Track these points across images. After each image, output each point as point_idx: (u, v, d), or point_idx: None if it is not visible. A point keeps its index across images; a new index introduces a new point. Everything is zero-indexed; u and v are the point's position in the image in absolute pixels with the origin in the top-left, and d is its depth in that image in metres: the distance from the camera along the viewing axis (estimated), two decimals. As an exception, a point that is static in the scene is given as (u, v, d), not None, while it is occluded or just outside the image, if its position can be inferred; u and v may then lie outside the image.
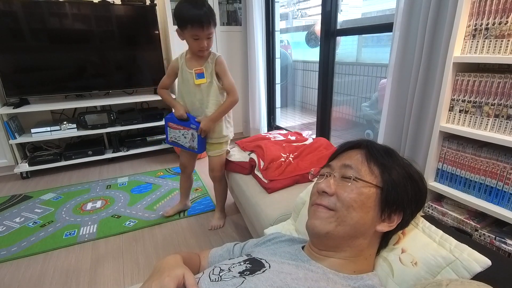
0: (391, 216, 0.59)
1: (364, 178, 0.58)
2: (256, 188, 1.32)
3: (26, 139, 2.27)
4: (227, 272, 0.57)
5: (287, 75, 4.65)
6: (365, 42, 3.97)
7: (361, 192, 0.57)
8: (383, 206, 0.58)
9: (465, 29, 0.99)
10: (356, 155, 0.62)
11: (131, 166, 2.55)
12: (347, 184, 0.58)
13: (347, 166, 0.60)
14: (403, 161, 0.64)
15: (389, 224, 0.59)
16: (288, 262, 0.58)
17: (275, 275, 0.53)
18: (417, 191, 0.61)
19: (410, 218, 0.64)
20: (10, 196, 2.05)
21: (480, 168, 0.99)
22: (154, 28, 2.54)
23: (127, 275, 1.33)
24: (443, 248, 0.58)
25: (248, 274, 0.54)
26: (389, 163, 0.60)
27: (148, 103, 2.86)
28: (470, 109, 1.00)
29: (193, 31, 1.25)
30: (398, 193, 0.58)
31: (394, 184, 0.58)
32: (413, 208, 0.62)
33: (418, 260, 0.58)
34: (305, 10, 5.37)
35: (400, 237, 0.64)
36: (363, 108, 3.11)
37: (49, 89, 2.38)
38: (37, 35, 2.23)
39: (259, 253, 0.64)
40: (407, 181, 0.60)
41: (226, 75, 1.42)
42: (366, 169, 0.59)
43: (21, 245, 1.53)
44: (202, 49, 1.32)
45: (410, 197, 0.60)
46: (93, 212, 1.82)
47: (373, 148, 0.63)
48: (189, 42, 1.31)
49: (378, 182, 0.58)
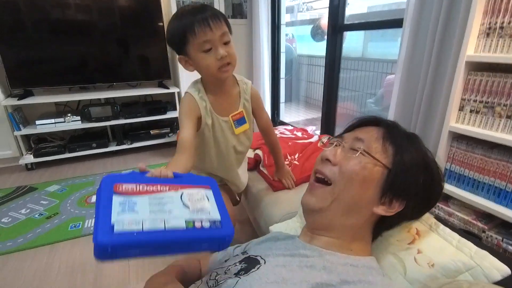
0: (392, 202, 0.55)
1: (373, 154, 0.55)
2: (261, 185, 1.32)
3: (30, 130, 2.27)
4: (223, 275, 0.56)
5: (291, 69, 4.61)
6: (371, 37, 3.92)
7: (365, 167, 0.54)
8: (386, 188, 0.54)
9: (479, 27, 0.97)
10: (373, 131, 0.59)
11: (135, 159, 2.55)
12: (353, 156, 0.55)
13: (359, 139, 0.57)
14: (424, 149, 0.59)
15: (388, 209, 0.55)
16: (283, 253, 0.56)
17: (270, 270, 0.51)
18: (429, 185, 0.57)
19: (415, 213, 0.61)
20: (16, 187, 2.06)
21: (490, 169, 0.98)
22: (158, 20, 2.51)
23: (132, 269, 1.34)
24: (463, 253, 0.58)
25: (243, 274, 0.53)
26: (407, 146, 0.56)
27: (152, 96, 2.85)
28: (481, 109, 0.98)
29: (198, 39, 0.80)
30: (407, 179, 0.54)
31: (405, 169, 0.54)
32: (419, 201, 0.58)
33: (436, 263, 0.58)
34: (310, 4, 5.30)
35: (416, 237, 0.63)
36: (368, 104, 3.09)
37: (53, 81, 2.37)
38: (41, 27, 2.21)
39: (255, 251, 0.63)
40: (420, 170, 0.55)
41: (263, 109, 1.07)
42: (379, 146, 0.56)
43: (27, 237, 1.54)
44: (223, 61, 0.83)
45: (419, 188, 0.56)
46: (97, 205, 1.83)
47: (394, 128, 0.59)
48: (201, 62, 0.84)
49: (388, 162, 0.55)
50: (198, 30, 0.79)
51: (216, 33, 0.81)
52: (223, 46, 0.83)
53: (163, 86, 2.67)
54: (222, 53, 0.81)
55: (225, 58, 0.83)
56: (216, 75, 0.86)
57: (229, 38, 0.85)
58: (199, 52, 0.82)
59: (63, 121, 2.31)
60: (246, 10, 2.84)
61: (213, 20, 0.80)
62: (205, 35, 0.80)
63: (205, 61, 0.83)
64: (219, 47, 0.82)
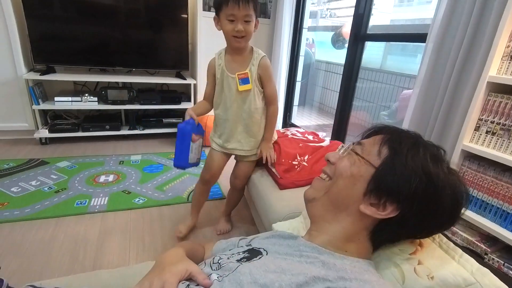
0: (386, 205, 0.54)
1: (362, 155, 0.59)
2: (268, 182, 1.33)
3: (48, 106, 2.33)
4: (225, 259, 0.59)
5: (308, 73, 4.61)
6: (391, 50, 3.89)
7: (354, 163, 0.59)
8: (372, 186, 0.55)
9: (504, 49, 0.96)
10: (376, 137, 0.62)
11: (144, 145, 2.59)
12: (347, 156, 0.62)
13: (360, 144, 0.63)
14: (426, 158, 0.55)
15: (378, 211, 0.55)
16: (285, 249, 0.59)
17: (270, 260, 0.54)
18: (431, 197, 0.53)
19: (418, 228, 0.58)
20: (28, 159, 2.12)
21: (500, 192, 0.97)
22: (183, 12, 2.55)
23: (132, 250, 1.36)
24: (464, 268, 0.58)
25: (245, 261, 0.55)
26: (402, 150, 0.55)
27: (168, 86, 2.89)
28: (498, 131, 0.98)
29: (228, 10, 1.08)
30: (395, 181, 0.53)
31: (393, 170, 0.54)
32: (419, 213, 0.54)
33: (436, 276, 0.58)
34: (334, 11, 5.29)
35: (418, 248, 0.63)
36: (382, 116, 3.07)
37: (76, 60, 2.43)
38: (69, 6, 2.27)
39: (259, 244, 0.65)
40: (415, 176, 0.53)
41: (271, 80, 1.26)
42: (374, 149, 0.58)
43: (35, 208, 1.58)
44: (237, 34, 1.11)
45: (414, 196, 0.53)
46: (105, 185, 1.87)
47: (395, 134, 0.60)
48: (224, 27, 1.13)
49: (377, 163, 0.56)
50: (230, 4, 1.07)
51: (241, 12, 1.08)
52: (243, 23, 1.10)
53: (180, 77, 2.70)
54: (239, 27, 1.10)
55: (240, 32, 1.11)
56: (230, 41, 1.17)
57: (251, 19, 1.11)
58: (225, 19, 1.11)
59: (80, 100, 2.37)
60: (270, 10, 2.86)
61: (243, 2, 1.07)
62: (232, 9, 1.08)
63: (226, 27, 1.12)
64: (239, 22, 1.10)
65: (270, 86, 1.26)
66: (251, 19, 1.11)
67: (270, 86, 1.26)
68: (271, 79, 1.25)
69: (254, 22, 1.13)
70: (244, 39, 1.14)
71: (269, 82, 1.25)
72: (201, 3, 2.54)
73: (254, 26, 1.15)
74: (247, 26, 1.11)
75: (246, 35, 1.13)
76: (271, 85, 1.26)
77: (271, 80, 1.25)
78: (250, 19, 1.11)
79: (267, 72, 1.23)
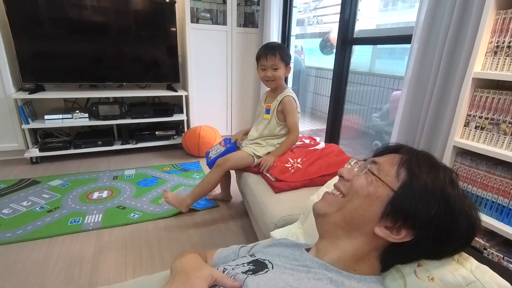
0: (401, 230, 0.54)
1: (379, 175, 0.57)
2: (263, 187, 1.33)
3: (38, 125, 2.31)
4: (230, 271, 0.57)
5: (299, 80, 4.65)
6: (379, 54, 3.96)
7: (372, 183, 0.57)
8: (389, 210, 0.54)
9: (487, 46, 0.99)
10: (392, 157, 0.60)
11: (138, 159, 2.57)
12: (364, 174, 0.59)
13: (375, 162, 0.60)
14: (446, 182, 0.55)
15: (392, 235, 0.54)
16: (291, 263, 0.58)
17: (277, 275, 0.52)
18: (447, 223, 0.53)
19: (431, 252, 0.57)
20: (19, 179, 2.08)
21: (493, 186, 0.98)
22: (171, 25, 2.57)
23: (129, 267, 1.33)
24: (463, 267, 0.57)
25: (251, 274, 0.54)
26: (421, 173, 0.55)
27: (160, 98, 2.89)
28: (486, 126, 0.99)
29: (261, 62, 1.48)
30: (413, 206, 0.53)
31: (412, 194, 0.53)
32: (434, 238, 0.54)
33: (435, 276, 0.58)
34: (321, 18, 5.39)
35: None
36: (374, 118, 3.10)
37: (65, 78, 2.42)
38: (56, 24, 2.27)
39: (263, 254, 0.64)
40: (434, 201, 0.52)
41: (291, 114, 1.51)
42: (392, 170, 0.57)
43: (27, 229, 1.55)
44: (266, 79, 1.49)
45: (432, 222, 0.52)
46: (99, 201, 1.84)
47: (414, 155, 0.59)
48: (259, 73, 1.52)
49: (396, 186, 0.55)
50: (261, 58, 1.48)
51: (269, 63, 1.46)
52: (272, 70, 1.48)
53: (171, 89, 2.70)
54: (268, 74, 1.48)
55: (269, 77, 1.49)
56: (264, 83, 1.57)
57: (278, 67, 1.47)
58: (260, 68, 1.52)
59: (71, 117, 2.35)
60: (258, 20, 2.90)
61: (270, 55, 1.45)
62: (263, 61, 1.48)
63: (260, 74, 1.53)
64: (268, 70, 1.48)
65: (289, 118, 1.52)
66: (278, 67, 1.47)
67: (289, 119, 1.52)
68: (291, 113, 1.51)
69: (282, 69, 1.48)
70: (274, 82, 1.51)
71: (289, 115, 1.52)
72: (189, 15, 2.56)
73: (287, 71, 1.51)
74: (275, 72, 1.47)
75: (275, 79, 1.49)
76: (290, 118, 1.52)
77: (290, 114, 1.51)
78: (277, 67, 1.47)
79: (286, 107, 1.51)
